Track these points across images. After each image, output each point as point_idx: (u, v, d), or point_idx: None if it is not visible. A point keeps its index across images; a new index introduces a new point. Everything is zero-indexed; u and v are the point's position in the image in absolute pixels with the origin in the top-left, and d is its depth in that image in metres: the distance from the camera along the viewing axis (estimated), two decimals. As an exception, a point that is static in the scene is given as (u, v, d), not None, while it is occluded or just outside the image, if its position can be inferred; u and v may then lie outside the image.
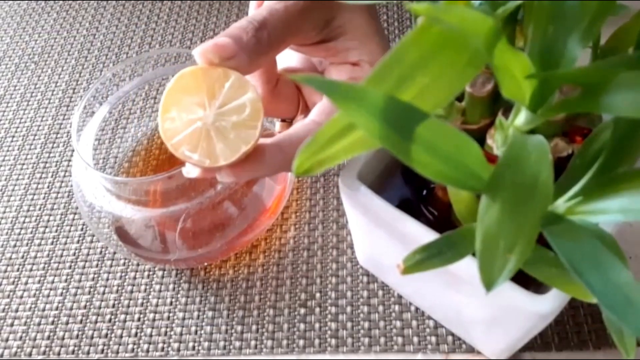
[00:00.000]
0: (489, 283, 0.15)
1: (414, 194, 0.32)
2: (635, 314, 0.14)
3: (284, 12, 0.25)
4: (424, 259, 0.20)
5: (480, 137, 0.24)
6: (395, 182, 0.32)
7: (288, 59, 0.31)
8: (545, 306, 0.24)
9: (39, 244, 0.43)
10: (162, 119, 0.23)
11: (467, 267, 0.24)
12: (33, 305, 0.40)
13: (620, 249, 0.19)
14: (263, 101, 0.28)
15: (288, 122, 0.32)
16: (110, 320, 0.39)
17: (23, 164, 0.49)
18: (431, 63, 0.16)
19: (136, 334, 0.38)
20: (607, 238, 0.19)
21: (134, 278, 0.40)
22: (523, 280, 0.23)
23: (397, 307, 0.36)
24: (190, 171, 0.25)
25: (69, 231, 0.44)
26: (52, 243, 0.43)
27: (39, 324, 0.39)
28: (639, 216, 0.17)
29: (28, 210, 0.46)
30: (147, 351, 0.37)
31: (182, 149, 0.23)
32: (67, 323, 0.39)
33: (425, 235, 0.26)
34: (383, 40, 0.29)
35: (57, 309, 0.40)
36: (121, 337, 0.38)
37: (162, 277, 0.40)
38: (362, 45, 0.28)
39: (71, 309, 0.39)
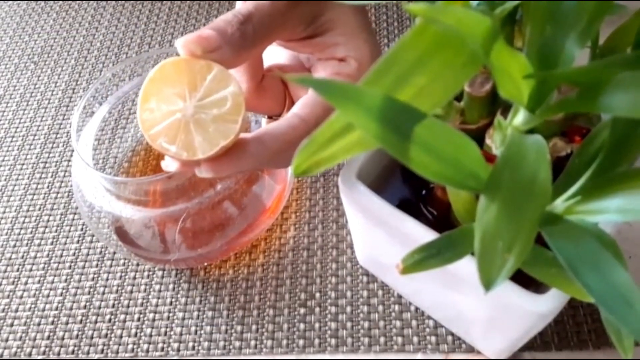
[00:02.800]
0: (487, 283, 0.15)
1: (413, 193, 0.32)
2: (633, 315, 0.14)
3: (270, 6, 0.24)
4: (423, 259, 0.20)
5: (479, 137, 0.24)
6: (395, 181, 0.32)
7: (276, 55, 0.31)
8: (545, 306, 0.24)
9: (39, 244, 0.43)
10: (141, 109, 0.23)
11: (466, 266, 0.24)
12: (33, 306, 0.40)
13: (619, 248, 0.19)
14: (248, 97, 0.28)
15: (275, 119, 0.32)
16: (110, 320, 0.39)
17: (23, 164, 0.49)
18: (429, 63, 0.16)
19: (136, 334, 0.38)
20: (605, 238, 0.19)
21: (134, 278, 0.40)
22: (523, 280, 0.23)
23: (396, 307, 0.36)
24: (169, 165, 0.24)
25: (69, 231, 0.44)
26: (51, 243, 0.43)
27: (39, 324, 0.39)
28: (638, 216, 0.16)
29: (28, 211, 0.46)
30: (147, 351, 0.37)
31: (160, 141, 0.23)
32: (66, 323, 0.39)
33: (424, 235, 0.26)
34: (370, 37, 0.28)
35: (56, 309, 0.40)
36: (121, 337, 0.38)
37: (162, 277, 0.40)
38: (349, 41, 0.27)
39: (71, 309, 0.39)
